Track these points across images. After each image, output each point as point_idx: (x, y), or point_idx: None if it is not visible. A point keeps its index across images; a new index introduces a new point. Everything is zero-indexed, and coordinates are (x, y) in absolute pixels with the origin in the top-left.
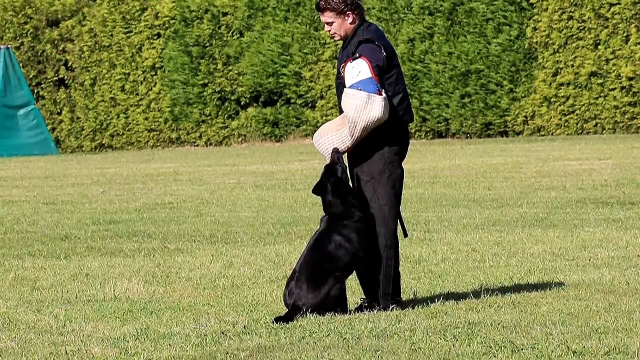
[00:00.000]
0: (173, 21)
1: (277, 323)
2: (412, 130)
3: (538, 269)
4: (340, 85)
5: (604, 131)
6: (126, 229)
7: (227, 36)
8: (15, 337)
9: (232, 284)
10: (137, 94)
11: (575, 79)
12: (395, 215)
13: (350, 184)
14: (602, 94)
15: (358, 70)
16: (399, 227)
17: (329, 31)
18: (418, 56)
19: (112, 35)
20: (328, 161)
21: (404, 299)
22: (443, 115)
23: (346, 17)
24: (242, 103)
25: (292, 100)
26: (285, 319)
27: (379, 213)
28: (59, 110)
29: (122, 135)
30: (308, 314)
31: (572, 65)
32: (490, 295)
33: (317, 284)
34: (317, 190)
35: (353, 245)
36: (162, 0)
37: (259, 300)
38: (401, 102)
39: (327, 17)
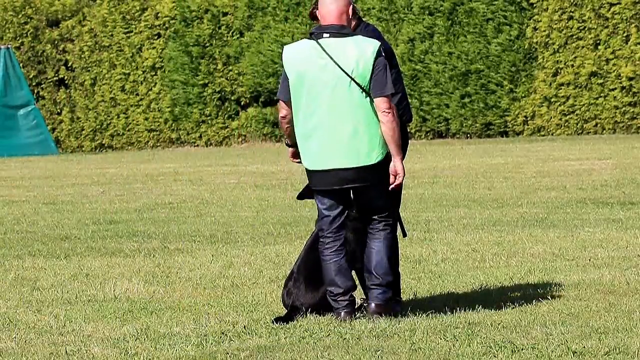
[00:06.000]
0: (173, 21)
1: (277, 323)
2: (412, 130)
3: (538, 269)
4: None
5: (604, 131)
6: (126, 229)
7: (227, 36)
8: (15, 337)
9: (232, 284)
10: (137, 94)
11: (575, 79)
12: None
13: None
14: (602, 94)
15: None
16: (398, 227)
17: None
18: (418, 56)
19: (112, 35)
20: None
21: (404, 299)
22: (443, 115)
23: None
24: (242, 103)
25: None
26: (285, 319)
27: None
28: (59, 111)
29: (122, 135)
30: (308, 314)
31: (572, 65)
32: (490, 295)
33: (315, 284)
34: (302, 196)
35: (350, 244)
36: (162, 0)
37: (259, 300)
38: (400, 101)
39: None
